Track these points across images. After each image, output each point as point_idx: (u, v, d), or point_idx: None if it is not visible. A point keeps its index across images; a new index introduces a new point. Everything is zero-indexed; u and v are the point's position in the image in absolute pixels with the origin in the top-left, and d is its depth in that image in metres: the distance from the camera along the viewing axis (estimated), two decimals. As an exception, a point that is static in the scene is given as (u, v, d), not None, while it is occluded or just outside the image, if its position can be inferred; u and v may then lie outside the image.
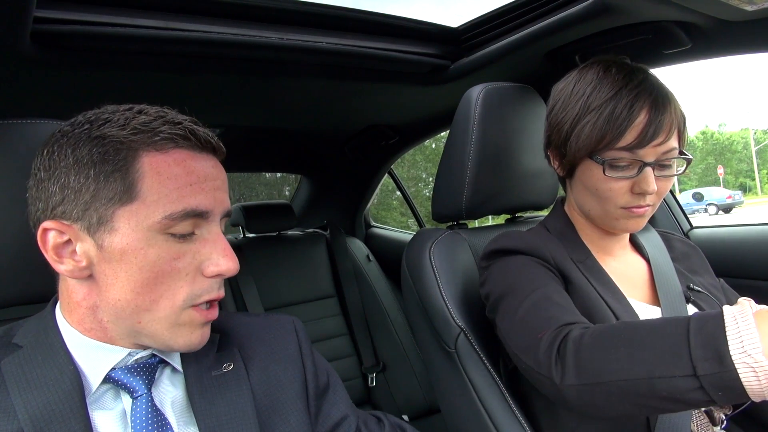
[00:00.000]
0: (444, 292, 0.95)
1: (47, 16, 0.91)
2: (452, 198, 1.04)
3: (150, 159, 0.56)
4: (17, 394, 0.54)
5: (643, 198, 0.80)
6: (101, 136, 0.55)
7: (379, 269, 2.12)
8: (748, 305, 0.58)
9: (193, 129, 0.58)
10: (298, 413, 0.66)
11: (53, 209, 0.56)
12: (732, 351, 0.53)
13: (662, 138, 0.77)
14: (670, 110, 0.78)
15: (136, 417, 0.57)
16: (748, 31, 0.98)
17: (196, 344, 0.60)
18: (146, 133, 0.56)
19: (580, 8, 1.04)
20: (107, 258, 0.55)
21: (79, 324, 0.59)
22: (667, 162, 0.80)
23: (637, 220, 0.83)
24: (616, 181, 0.80)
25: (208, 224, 0.59)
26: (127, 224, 0.55)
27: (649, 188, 0.78)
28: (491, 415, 0.87)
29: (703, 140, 48.56)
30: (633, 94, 0.77)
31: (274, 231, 2.06)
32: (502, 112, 1.03)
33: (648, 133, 0.76)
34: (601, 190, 0.82)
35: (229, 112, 1.61)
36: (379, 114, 1.81)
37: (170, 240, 0.56)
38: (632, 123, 0.77)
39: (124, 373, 0.59)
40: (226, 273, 0.59)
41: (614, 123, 0.78)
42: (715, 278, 0.97)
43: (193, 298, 0.58)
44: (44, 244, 0.56)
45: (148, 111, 0.58)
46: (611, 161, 0.79)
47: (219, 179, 0.60)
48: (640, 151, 0.77)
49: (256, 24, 1.11)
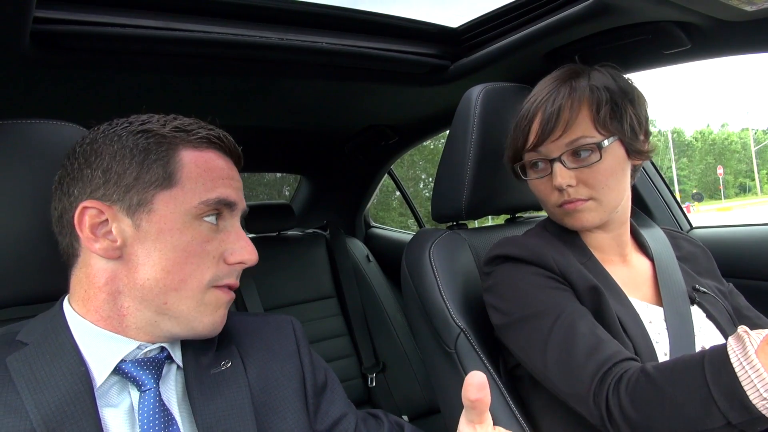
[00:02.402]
0: (444, 293, 0.95)
1: (47, 16, 0.91)
2: (452, 198, 1.04)
3: (188, 153, 0.62)
4: (28, 395, 0.54)
5: (566, 193, 0.82)
6: (145, 131, 0.62)
7: (379, 269, 2.12)
8: (748, 341, 0.58)
9: (225, 135, 0.67)
10: (296, 411, 0.67)
11: (93, 192, 0.60)
12: (753, 400, 0.56)
13: (560, 132, 0.81)
14: (566, 104, 0.80)
15: (143, 411, 0.58)
16: (748, 31, 0.98)
17: (219, 323, 0.64)
18: (185, 132, 0.63)
19: (579, 8, 1.04)
20: (142, 238, 0.59)
21: (95, 312, 0.60)
22: (578, 151, 0.81)
23: (577, 216, 0.83)
24: (539, 182, 0.86)
25: (232, 218, 0.66)
26: (165, 207, 0.60)
27: (557, 181, 0.81)
28: (491, 415, 0.87)
29: (702, 140, 48.59)
30: (541, 96, 0.83)
31: (273, 231, 2.06)
32: (502, 113, 1.03)
33: (545, 129, 0.81)
34: (536, 193, 0.89)
35: (229, 112, 1.61)
36: (379, 114, 1.81)
37: (203, 225, 0.62)
38: (532, 124, 0.83)
39: (134, 365, 0.60)
40: (247, 262, 0.65)
41: (519, 127, 0.86)
42: (723, 282, 0.96)
43: (216, 279, 0.63)
44: (81, 223, 0.60)
45: (182, 118, 0.66)
46: (530, 164, 0.86)
47: (240, 182, 0.68)
48: (543, 149, 0.83)
49: (256, 24, 1.11)
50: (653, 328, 0.81)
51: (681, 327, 0.81)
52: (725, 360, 0.59)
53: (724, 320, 0.86)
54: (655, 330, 0.81)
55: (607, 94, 0.81)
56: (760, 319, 0.92)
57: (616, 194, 0.83)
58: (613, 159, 0.82)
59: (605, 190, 0.82)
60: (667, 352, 0.78)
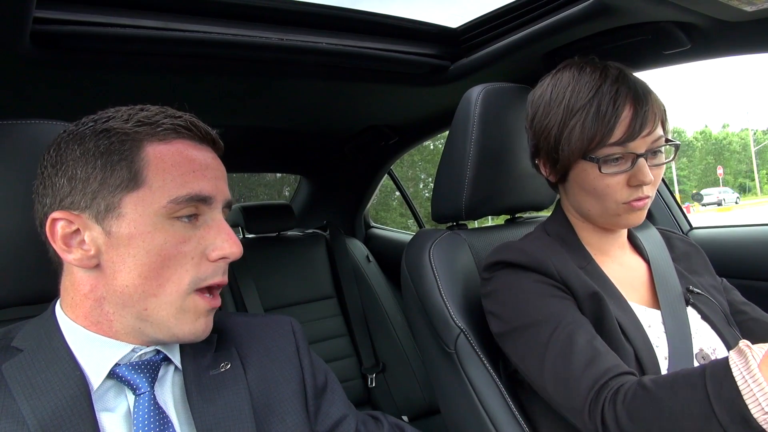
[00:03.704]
0: (444, 293, 0.94)
1: (47, 16, 0.91)
2: (452, 198, 1.04)
3: (154, 148, 0.58)
4: (24, 400, 0.54)
5: (641, 189, 0.81)
6: (106, 129, 0.58)
7: (379, 270, 2.12)
8: (750, 355, 0.59)
9: (194, 121, 0.62)
10: (295, 413, 0.67)
11: (61, 201, 0.58)
12: (754, 414, 0.56)
13: (649, 128, 0.79)
14: (651, 101, 0.80)
15: (138, 414, 0.57)
16: (748, 31, 0.98)
17: (200, 332, 0.61)
18: (149, 125, 0.59)
19: (579, 9, 1.04)
20: (115, 244, 0.57)
21: (85, 319, 0.59)
22: (657, 150, 0.82)
23: (638, 214, 0.83)
24: (612, 176, 0.80)
25: (211, 211, 0.61)
26: (134, 210, 0.57)
27: (646, 178, 0.79)
28: (491, 416, 0.87)
29: (703, 140, 48.59)
30: (613, 89, 0.79)
31: (273, 232, 2.06)
32: (502, 113, 1.03)
33: (636, 125, 0.78)
34: (600, 188, 0.82)
35: (229, 112, 1.61)
36: (379, 114, 1.81)
37: (176, 225, 0.58)
38: (619, 118, 0.79)
39: (128, 369, 0.59)
40: (230, 256, 0.61)
41: (602, 120, 0.79)
42: (716, 278, 0.96)
43: (198, 282, 0.59)
44: (53, 234, 0.58)
45: (150, 108, 0.61)
46: (605, 158, 0.80)
47: (219, 170, 0.63)
48: (631, 144, 0.79)
49: (256, 24, 1.11)
50: (652, 332, 0.81)
51: (678, 330, 0.81)
52: (727, 374, 0.59)
53: (719, 320, 0.86)
54: (654, 334, 0.81)
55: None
56: (756, 312, 0.92)
57: None
58: None
59: (655, 190, 0.84)
60: (667, 355, 0.78)
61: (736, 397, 0.57)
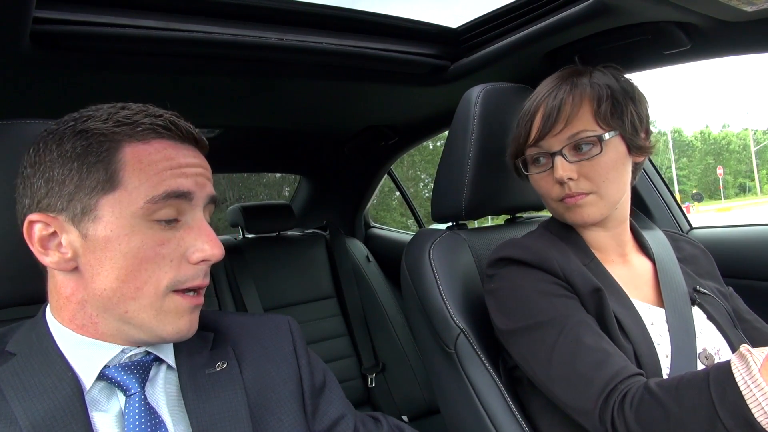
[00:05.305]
0: (444, 293, 0.94)
1: (47, 16, 0.91)
2: (452, 198, 1.04)
3: (132, 149, 0.57)
4: (17, 403, 0.54)
5: (567, 186, 0.82)
6: (85, 130, 0.57)
7: (379, 270, 2.12)
8: (751, 360, 0.60)
9: (174, 120, 0.60)
10: (292, 412, 0.66)
11: (39, 202, 0.57)
12: (757, 417, 0.57)
13: (561, 125, 0.81)
14: (568, 98, 0.81)
15: (129, 416, 0.57)
16: (748, 31, 0.98)
17: (185, 331, 0.60)
18: (128, 125, 0.57)
19: (579, 9, 1.04)
20: (92, 247, 0.56)
21: (70, 322, 0.59)
22: (579, 145, 0.81)
23: (578, 210, 0.83)
24: (540, 176, 0.87)
25: (192, 210, 0.60)
26: (110, 212, 0.56)
27: (558, 174, 0.81)
28: (491, 416, 0.87)
29: (702, 140, 48.61)
30: (542, 93, 0.84)
31: (273, 231, 2.06)
32: (502, 113, 1.03)
33: (546, 124, 0.82)
34: (537, 189, 0.89)
35: (229, 113, 1.61)
36: (379, 114, 1.81)
37: (154, 227, 0.57)
38: (534, 119, 0.84)
39: (117, 370, 0.59)
40: (210, 258, 0.60)
41: (521, 123, 0.87)
42: (723, 285, 0.95)
43: (177, 284, 0.58)
44: (30, 237, 0.57)
45: (131, 106, 0.60)
46: (529, 159, 0.88)
47: (201, 167, 0.61)
48: (544, 143, 0.84)
49: (256, 24, 1.11)
50: (655, 330, 0.81)
51: (682, 328, 0.81)
52: (730, 379, 0.60)
53: (725, 321, 0.85)
54: (656, 332, 0.80)
55: (608, 91, 0.82)
56: (759, 323, 0.92)
57: (617, 189, 0.83)
58: (614, 153, 0.82)
59: (606, 184, 0.82)
60: (669, 353, 0.78)
61: (739, 401, 0.58)
